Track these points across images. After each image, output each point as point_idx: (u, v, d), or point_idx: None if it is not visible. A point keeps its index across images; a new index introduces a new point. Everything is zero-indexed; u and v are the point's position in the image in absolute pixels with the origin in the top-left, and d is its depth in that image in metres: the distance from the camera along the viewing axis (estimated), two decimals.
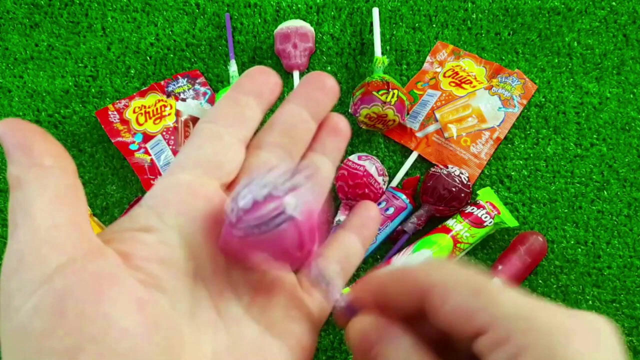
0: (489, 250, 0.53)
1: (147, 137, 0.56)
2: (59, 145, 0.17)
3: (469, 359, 0.17)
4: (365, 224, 0.24)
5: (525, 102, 0.58)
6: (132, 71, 0.60)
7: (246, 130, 0.21)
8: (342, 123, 0.23)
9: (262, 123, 0.23)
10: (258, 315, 0.20)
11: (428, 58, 0.61)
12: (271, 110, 0.24)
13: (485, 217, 0.51)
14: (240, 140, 0.21)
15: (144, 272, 0.17)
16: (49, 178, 0.16)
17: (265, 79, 0.22)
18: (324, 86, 0.22)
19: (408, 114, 0.57)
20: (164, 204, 0.19)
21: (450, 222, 0.51)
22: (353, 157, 0.53)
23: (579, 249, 0.54)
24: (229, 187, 0.21)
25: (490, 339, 0.15)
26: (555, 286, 0.52)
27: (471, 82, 0.58)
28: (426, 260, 0.18)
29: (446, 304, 0.16)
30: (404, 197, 0.52)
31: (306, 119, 0.22)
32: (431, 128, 0.57)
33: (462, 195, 0.51)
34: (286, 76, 0.60)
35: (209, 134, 0.21)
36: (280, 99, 0.36)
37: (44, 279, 0.15)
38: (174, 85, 0.59)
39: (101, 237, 0.17)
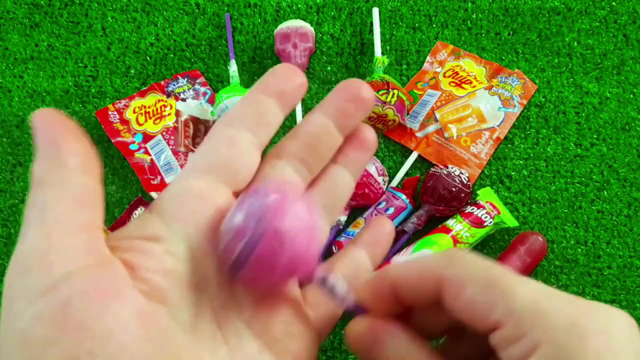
0: (489, 251, 0.53)
1: (147, 137, 0.56)
2: (88, 145, 0.17)
3: (485, 346, 0.17)
4: (378, 241, 0.23)
5: (525, 102, 0.58)
6: (132, 71, 0.60)
7: (264, 134, 0.21)
8: (370, 136, 0.22)
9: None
10: (259, 330, 0.19)
11: (428, 58, 0.61)
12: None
13: (485, 217, 0.51)
14: (257, 146, 0.20)
15: (148, 284, 0.17)
16: (71, 180, 0.16)
17: (290, 78, 0.21)
18: (357, 96, 0.21)
19: (408, 114, 0.57)
20: (173, 211, 0.19)
21: (450, 222, 0.51)
22: None
23: (579, 249, 0.54)
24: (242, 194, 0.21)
25: (505, 335, 0.15)
26: (555, 286, 0.52)
27: (471, 82, 0.58)
28: (443, 251, 0.18)
29: (461, 298, 0.16)
30: (404, 197, 0.52)
31: (332, 132, 0.21)
32: (431, 128, 0.57)
33: (462, 195, 0.51)
34: None
35: (225, 137, 0.20)
36: None
37: (49, 286, 0.15)
38: (174, 85, 0.59)
39: (109, 243, 0.17)
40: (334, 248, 0.51)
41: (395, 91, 0.53)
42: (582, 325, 0.14)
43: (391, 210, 0.52)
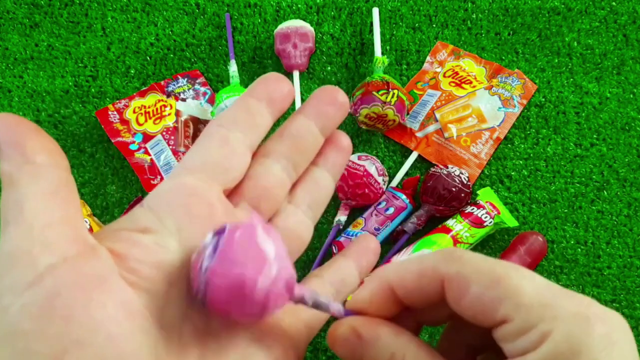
0: (488, 251, 0.53)
1: (147, 137, 0.56)
2: (52, 141, 0.17)
3: (485, 335, 0.17)
4: (364, 254, 0.25)
5: (525, 102, 0.57)
6: (132, 71, 0.60)
7: (255, 136, 0.21)
8: (345, 141, 0.24)
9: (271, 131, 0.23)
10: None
11: (428, 58, 0.61)
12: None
13: (485, 217, 0.51)
14: (248, 147, 0.21)
15: (137, 274, 0.17)
16: (41, 175, 0.16)
17: (278, 86, 0.22)
18: (335, 101, 0.22)
19: (408, 114, 0.57)
20: (165, 206, 0.19)
21: (450, 222, 0.51)
22: (353, 157, 0.53)
23: (579, 249, 0.54)
24: (232, 192, 0.21)
25: (513, 328, 0.16)
26: None
27: (471, 82, 0.58)
28: (440, 250, 0.18)
29: (465, 296, 0.16)
30: (404, 197, 0.52)
31: (315, 133, 0.22)
32: (431, 128, 0.57)
33: (462, 195, 0.51)
34: (286, 76, 0.59)
35: (218, 137, 0.21)
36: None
37: (34, 279, 0.15)
38: (174, 85, 0.59)
39: (97, 235, 0.17)
40: (333, 248, 0.51)
41: (395, 91, 0.53)
42: (586, 314, 0.15)
43: (391, 210, 0.52)
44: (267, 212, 0.22)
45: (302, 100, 0.58)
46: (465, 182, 0.51)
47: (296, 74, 0.58)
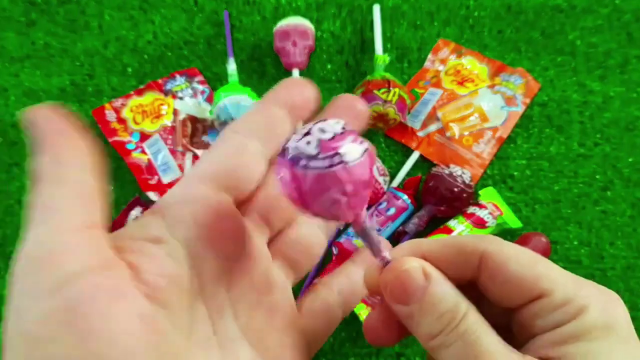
0: None
1: (144, 137, 0.55)
2: (88, 142, 0.17)
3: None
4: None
5: (528, 100, 0.57)
6: (129, 69, 0.59)
7: (273, 145, 0.21)
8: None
9: None
10: (253, 338, 0.19)
11: (430, 56, 0.60)
12: None
13: (488, 217, 0.50)
14: (264, 156, 0.20)
15: (150, 286, 0.17)
16: (71, 177, 0.16)
17: (300, 91, 0.21)
18: (353, 109, 0.22)
19: (409, 112, 0.56)
20: (176, 215, 0.19)
21: (452, 223, 0.50)
22: None
23: (583, 250, 0.53)
24: (244, 203, 0.21)
25: (552, 301, 0.17)
26: None
27: (473, 81, 0.57)
28: (476, 234, 0.18)
29: (505, 271, 0.17)
30: (405, 197, 0.52)
31: None
32: (433, 127, 0.56)
33: (464, 195, 0.50)
34: (286, 74, 0.59)
35: (234, 145, 0.20)
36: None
37: (55, 286, 0.15)
38: (171, 83, 0.58)
39: (111, 243, 0.17)
40: (333, 249, 0.51)
41: (396, 89, 0.52)
42: (608, 296, 0.17)
43: (392, 211, 0.51)
44: (277, 223, 0.21)
45: None
46: (467, 182, 0.50)
47: (295, 72, 0.58)
